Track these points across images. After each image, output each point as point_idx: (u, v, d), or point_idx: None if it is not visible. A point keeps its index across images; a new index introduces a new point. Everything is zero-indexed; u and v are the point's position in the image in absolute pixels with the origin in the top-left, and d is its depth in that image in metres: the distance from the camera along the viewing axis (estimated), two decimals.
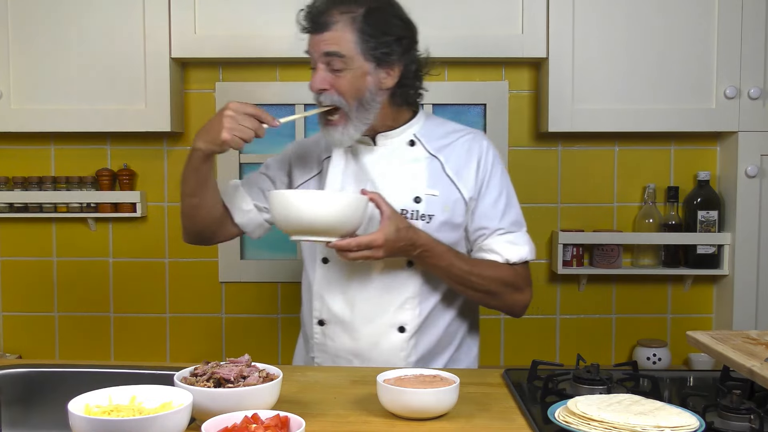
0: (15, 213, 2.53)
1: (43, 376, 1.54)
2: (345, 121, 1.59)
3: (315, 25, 1.57)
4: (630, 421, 1.11)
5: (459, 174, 1.67)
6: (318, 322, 1.70)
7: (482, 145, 1.70)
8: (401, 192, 1.64)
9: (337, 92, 1.58)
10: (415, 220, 1.62)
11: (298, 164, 1.77)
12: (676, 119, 2.35)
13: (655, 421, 1.11)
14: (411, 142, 1.69)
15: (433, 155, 1.68)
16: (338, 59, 1.56)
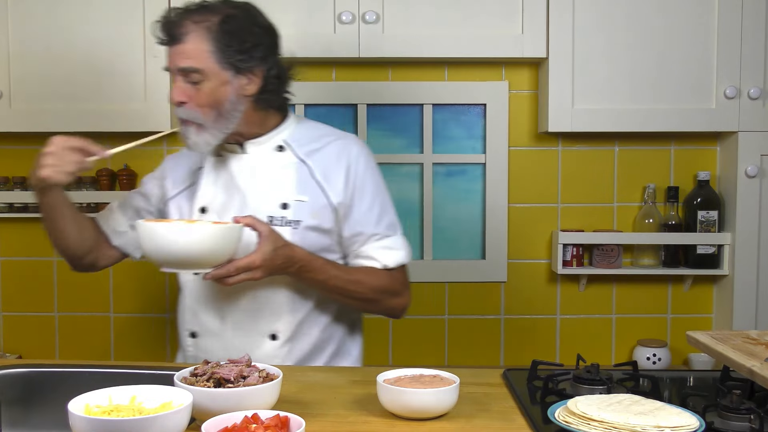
0: (15, 213, 2.53)
1: (43, 376, 1.54)
2: (200, 129, 1.59)
3: (169, 38, 1.57)
4: (630, 421, 1.11)
5: (327, 179, 1.65)
6: (190, 335, 1.69)
7: (352, 150, 1.69)
8: (268, 199, 1.63)
9: (196, 104, 1.57)
10: (281, 226, 1.60)
11: (171, 177, 1.76)
12: (676, 119, 2.35)
13: (655, 421, 1.11)
14: (280, 148, 1.67)
15: (302, 160, 1.66)
16: (195, 73, 1.56)
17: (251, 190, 1.65)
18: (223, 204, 1.66)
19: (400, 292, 1.71)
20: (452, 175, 2.59)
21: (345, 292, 1.63)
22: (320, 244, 1.65)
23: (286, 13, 2.33)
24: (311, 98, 2.56)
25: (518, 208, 2.59)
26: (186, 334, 1.70)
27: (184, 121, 1.59)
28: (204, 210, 1.67)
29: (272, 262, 1.51)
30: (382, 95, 2.55)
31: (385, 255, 1.68)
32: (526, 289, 2.60)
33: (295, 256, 1.55)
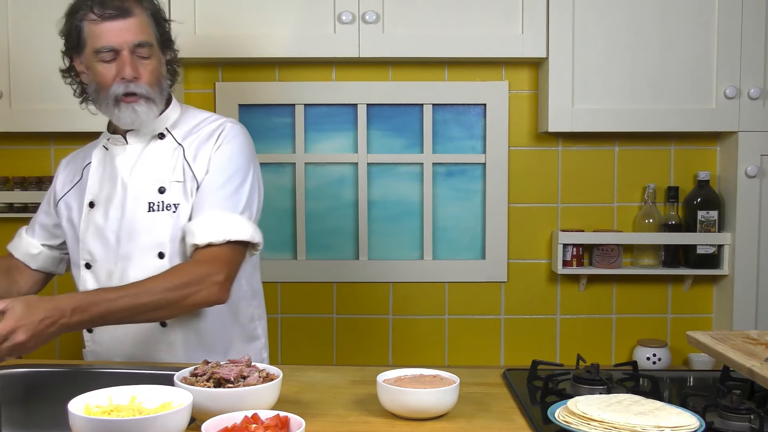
0: (15, 213, 2.52)
1: (43, 376, 1.54)
2: (149, 102, 1.59)
3: (118, 11, 1.54)
4: (630, 421, 1.11)
5: (195, 158, 1.64)
6: (88, 329, 1.68)
7: (224, 129, 1.65)
8: (147, 185, 1.63)
9: (145, 80, 1.57)
10: (161, 211, 1.61)
11: (61, 177, 1.77)
12: (676, 119, 2.35)
13: (655, 421, 1.11)
14: (161, 135, 1.68)
15: (179, 144, 1.67)
16: (146, 48, 1.57)
17: (132, 180, 1.65)
18: (108, 196, 1.66)
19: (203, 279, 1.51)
20: (452, 175, 2.59)
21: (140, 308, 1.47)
22: None
23: (286, 13, 2.34)
24: (311, 98, 2.56)
25: (518, 208, 2.59)
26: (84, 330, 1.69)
27: (132, 95, 1.57)
28: (92, 204, 1.67)
29: (32, 318, 1.31)
30: (382, 95, 2.55)
31: (209, 229, 1.55)
32: (526, 289, 2.60)
33: (61, 303, 1.36)
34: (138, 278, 1.55)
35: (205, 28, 2.35)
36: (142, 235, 1.61)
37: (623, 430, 1.10)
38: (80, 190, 1.71)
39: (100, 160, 1.70)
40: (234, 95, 2.55)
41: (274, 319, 2.63)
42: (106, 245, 1.64)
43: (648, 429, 1.10)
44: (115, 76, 1.56)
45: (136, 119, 1.59)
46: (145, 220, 1.61)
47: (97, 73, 1.59)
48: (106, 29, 1.55)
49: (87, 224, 1.66)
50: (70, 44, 1.63)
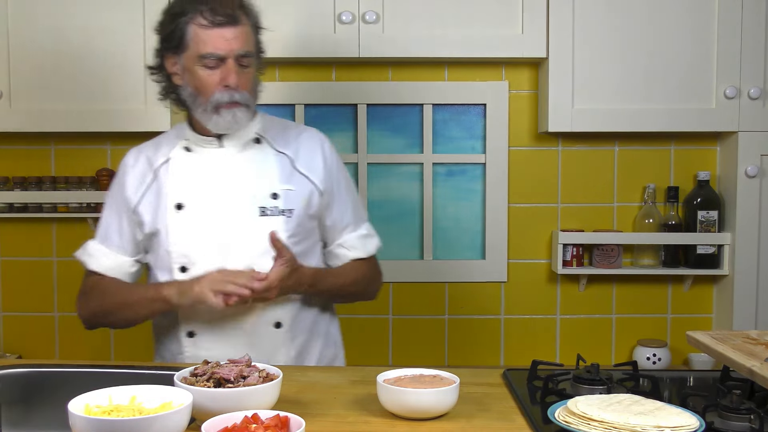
0: (15, 213, 2.53)
1: (43, 376, 1.54)
2: (248, 110, 1.61)
3: (227, 19, 1.54)
4: (630, 421, 1.11)
5: (309, 168, 1.69)
6: (188, 335, 1.65)
7: (323, 141, 1.75)
8: (257, 190, 1.64)
9: (245, 88, 1.59)
10: (275, 216, 1.62)
11: (130, 183, 1.70)
12: (676, 119, 2.35)
13: (655, 421, 1.11)
14: (257, 140, 1.69)
15: (281, 152, 1.69)
16: (248, 57, 1.58)
17: (234, 184, 1.64)
18: (203, 198, 1.64)
19: (376, 277, 1.81)
20: (452, 175, 2.59)
21: (341, 292, 1.74)
22: (308, 231, 1.68)
23: (286, 13, 2.33)
24: (311, 98, 2.56)
25: (518, 208, 2.59)
26: (182, 335, 1.66)
27: (233, 103, 1.57)
28: (180, 206, 1.63)
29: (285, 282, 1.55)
30: (382, 95, 2.55)
31: (366, 243, 1.76)
32: (526, 289, 2.60)
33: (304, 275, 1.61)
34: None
35: None
36: (256, 238, 1.61)
37: (623, 430, 1.10)
38: (157, 193, 1.66)
39: (183, 161, 1.67)
40: None
41: None
42: (207, 248, 1.61)
43: (648, 429, 1.10)
44: (218, 83, 1.56)
45: (234, 125, 1.59)
46: (259, 225, 1.61)
47: (197, 78, 1.57)
48: (215, 36, 1.54)
49: (178, 227, 1.63)
50: (169, 44, 1.60)
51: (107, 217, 1.74)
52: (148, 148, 1.73)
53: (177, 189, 1.65)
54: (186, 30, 1.55)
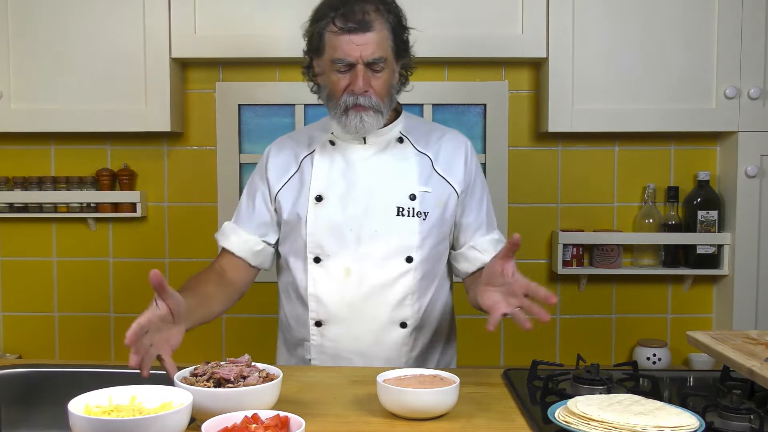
0: (15, 213, 2.53)
1: (43, 376, 1.54)
2: (376, 113, 1.60)
3: (357, 25, 1.54)
4: (630, 421, 1.11)
5: (448, 170, 1.70)
6: (315, 324, 1.69)
7: (466, 143, 1.75)
8: (395, 189, 1.65)
9: (375, 93, 1.58)
10: (410, 217, 1.64)
11: (274, 169, 1.73)
12: (676, 119, 2.35)
13: (655, 421, 1.11)
14: (400, 140, 1.70)
15: (422, 152, 1.70)
16: (380, 63, 1.57)
17: (375, 180, 1.65)
18: (343, 193, 1.65)
19: None
20: None
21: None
22: (442, 234, 1.69)
23: (286, 13, 2.33)
24: (311, 98, 2.52)
25: (518, 208, 2.59)
26: (310, 324, 1.68)
27: (360, 107, 1.58)
28: (320, 198, 1.66)
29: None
30: None
31: (498, 248, 1.71)
32: None
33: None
34: (383, 279, 1.63)
35: (205, 28, 2.35)
36: (391, 237, 1.63)
37: (623, 430, 1.10)
38: (300, 182, 1.69)
39: (328, 154, 1.69)
40: (234, 95, 2.55)
41: (273, 319, 2.62)
42: (342, 241, 1.64)
43: (648, 429, 1.10)
44: (346, 87, 1.57)
45: (361, 128, 1.60)
46: (395, 224, 1.63)
47: (330, 81, 1.60)
48: (345, 42, 1.54)
49: (316, 217, 1.65)
50: (311, 47, 1.63)
51: (242, 202, 1.77)
52: (294, 140, 1.76)
53: (319, 181, 1.67)
54: (322, 35, 1.58)
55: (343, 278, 1.64)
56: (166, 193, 2.59)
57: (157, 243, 2.60)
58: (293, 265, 1.71)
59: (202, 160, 2.59)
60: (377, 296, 1.64)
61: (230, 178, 2.57)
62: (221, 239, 1.75)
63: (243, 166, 2.59)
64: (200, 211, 2.59)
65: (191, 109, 2.57)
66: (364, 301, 1.64)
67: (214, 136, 2.57)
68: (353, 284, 1.64)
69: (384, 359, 1.65)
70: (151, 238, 2.61)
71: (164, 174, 2.59)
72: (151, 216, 2.60)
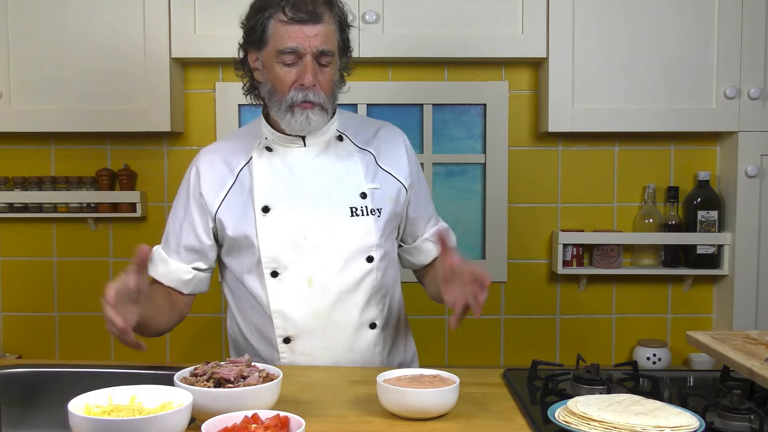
0: (15, 213, 2.53)
1: (43, 376, 1.54)
2: (322, 111, 1.56)
3: (308, 16, 1.50)
4: (630, 421, 1.11)
5: (392, 165, 1.68)
6: (284, 341, 1.61)
7: (403, 136, 1.74)
8: (345, 189, 1.61)
9: (321, 88, 1.54)
10: (365, 216, 1.60)
11: (207, 186, 1.62)
12: (676, 119, 2.35)
13: (656, 422, 1.11)
14: (339, 138, 1.66)
15: (363, 149, 1.67)
16: (328, 56, 1.53)
17: (323, 183, 1.61)
18: (291, 199, 1.59)
19: None
20: (452, 175, 2.59)
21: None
22: (394, 228, 1.68)
23: None
24: None
25: (518, 208, 2.59)
26: (278, 341, 1.61)
27: (307, 103, 1.53)
28: (267, 209, 1.58)
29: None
30: (382, 95, 2.55)
31: (451, 236, 1.74)
32: (526, 289, 2.60)
33: None
34: (347, 283, 1.59)
35: (205, 28, 2.35)
36: (349, 239, 1.59)
37: (623, 430, 1.10)
38: (240, 195, 1.61)
39: (266, 160, 1.62)
40: (234, 95, 2.55)
41: None
42: (298, 251, 1.57)
43: (648, 429, 1.10)
44: (294, 81, 1.53)
45: (307, 126, 1.55)
46: (350, 225, 1.59)
47: (274, 75, 1.54)
48: (294, 32, 1.50)
49: (267, 230, 1.57)
50: (251, 39, 1.58)
51: (171, 224, 1.67)
52: (223, 149, 1.67)
53: (262, 191, 1.59)
54: (267, 25, 1.53)
55: (306, 289, 1.58)
56: (166, 193, 2.59)
57: (157, 243, 2.59)
58: (249, 283, 1.62)
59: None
60: (344, 301, 1.59)
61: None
62: (150, 267, 1.62)
63: None
64: None
65: (191, 109, 2.57)
66: (331, 308, 1.58)
67: (214, 136, 2.57)
68: (317, 293, 1.58)
69: (361, 363, 1.62)
70: (151, 238, 2.59)
71: (164, 174, 2.59)
72: (151, 216, 2.60)
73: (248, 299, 1.64)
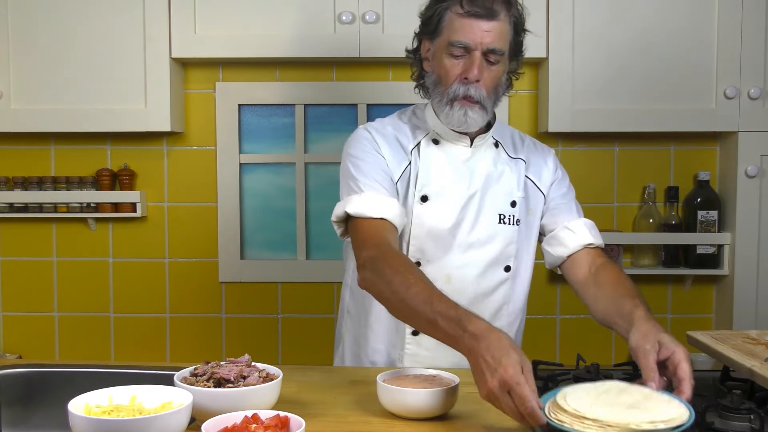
0: (15, 213, 2.53)
1: (43, 376, 1.54)
2: (481, 109, 1.54)
3: (485, 12, 1.49)
4: (624, 417, 1.09)
5: (538, 175, 1.68)
6: (413, 333, 1.60)
7: (551, 151, 1.75)
8: (498, 195, 1.61)
9: (484, 85, 1.52)
10: (510, 225, 1.61)
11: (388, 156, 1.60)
12: (676, 119, 2.35)
13: (649, 416, 1.09)
14: (496, 144, 1.67)
15: (515, 158, 1.67)
16: (497, 55, 1.52)
17: (480, 185, 1.60)
18: (448, 196, 1.59)
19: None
20: None
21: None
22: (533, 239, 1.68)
23: (286, 13, 2.34)
24: (311, 98, 2.56)
25: None
26: (407, 332, 1.60)
27: (468, 99, 1.52)
28: (425, 198, 1.58)
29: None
30: (382, 95, 2.55)
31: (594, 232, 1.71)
32: None
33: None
34: (483, 288, 1.60)
35: (205, 28, 2.35)
36: (493, 246, 1.59)
37: (617, 428, 1.08)
38: (407, 177, 1.60)
39: (433, 152, 1.61)
40: (234, 95, 2.55)
41: (273, 319, 2.63)
42: (445, 247, 1.58)
43: (643, 425, 1.08)
44: (459, 74, 1.52)
45: (464, 123, 1.54)
46: (497, 231, 1.60)
47: (441, 66, 1.53)
48: (467, 25, 1.49)
49: (421, 220, 1.58)
50: (426, 28, 1.57)
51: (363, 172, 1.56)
52: (393, 128, 1.64)
53: (426, 180, 1.59)
54: (443, 16, 1.53)
55: (443, 286, 1.52)
56: (166, 193, 2.59)
57: (157, 243, 2.60)
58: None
59: (202, 160, 2.59)
60: (476, 306, 1.58)
61: (230, 178, 2.57)
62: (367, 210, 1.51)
63: (243, 166, 2.59)
64: (200, 211, 2.59)
65: (191, 109, 2.57)
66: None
67: (214, 136, 2.57)
68: (453, 293, 1.49)
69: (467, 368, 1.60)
70: (151, 238, 2.61)
71: (164, 174, 2.59)
72: (151, 216, 2.60)
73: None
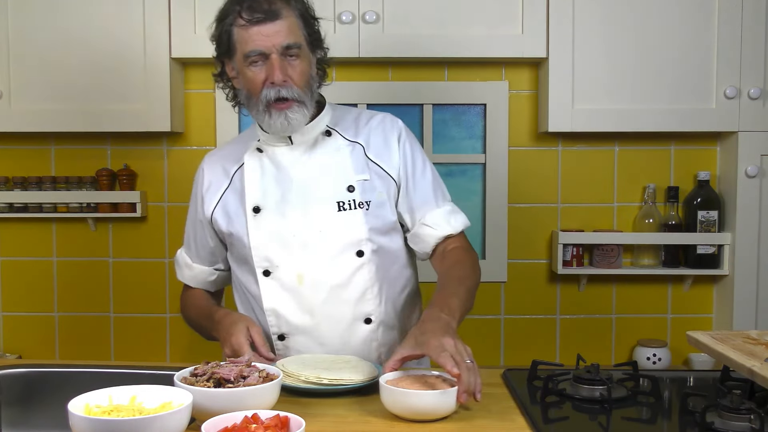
0: (15, 213, 2.53)
1: (43, 376, 1.54)
2: (301, 106, 1.55)
3: (265, 15, 1.50)
4: (316, 374, 1.33)
5: (381, 155, 1.65)
6: (278, 338, 1.63)
7: (396, 124, 1.70)
8: (331, 184, 1.61)
9: (294, 82, 1.53)
10: (353, 209, 1.59)
11: (207, 190, 1.70)
12: (676, 119, 2.35)
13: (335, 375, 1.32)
14: (327, 133, 1.66)
15: (353, 141, 1.66)
16: (295, 49, 1.53)
17: (309, 179, 1.61)
18: (279, 199, 1.61)
19: (475, 258, 1.67)
20: (452, 175, 2.59)
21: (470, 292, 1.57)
22: (390, 220, 1.64)
23: None
24: None
25: (518, 208, 2.59)
26: (273, 339, 1.64)
27: (284, 100, 1.53)
28: (257, 209, 1.61)
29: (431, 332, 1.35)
30: (382, 95, 2.55)
31: (451, 219, 1.67)
32: (526, 289, 2.60)
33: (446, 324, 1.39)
34: (337, 278, 1.59)
35: (205, 28, 2.34)
36: (336, 234, 1.59)
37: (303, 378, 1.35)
38: (234, 197, 1.65)
39: (257, 162, 1.64)
40: None
41: None
42: (287, 249, 1.59)
43: (324, 380, 1.34)
44: (264, 80, 1.53)
45: (288, 126, 1.56)
46: (338, 220, 1.59)
47: (247, 79, 1.55)
48: (255, 33, 1.51)
49: (257, 230, 1.61)
50: (221, 49, 1.59)
51: (187, 227, 1.78)
52: (222, 155, 1.73)
53: (252, 192, 1.62)
54: (231, 32, 1.55)
55: (297, 286, 1.59)
56: (166, 193, 2.59)
57: (157, 243, 2.60)
58: (246, 282, 1.67)
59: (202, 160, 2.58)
60: (335, 297, 1.59)
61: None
62: (177, 271, 1.80)
63: None
64: None
65: (191, 109, 2.57)
66: (323, 304, 1.59)
67: (214, 136, 2.57)
68: (308, 290, 1.59)
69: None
70: (151, 238, 2.61)
71: (164, 174, 2.59)
72: (151, 216, 2.60)
73: (248, 297, 1.69)
